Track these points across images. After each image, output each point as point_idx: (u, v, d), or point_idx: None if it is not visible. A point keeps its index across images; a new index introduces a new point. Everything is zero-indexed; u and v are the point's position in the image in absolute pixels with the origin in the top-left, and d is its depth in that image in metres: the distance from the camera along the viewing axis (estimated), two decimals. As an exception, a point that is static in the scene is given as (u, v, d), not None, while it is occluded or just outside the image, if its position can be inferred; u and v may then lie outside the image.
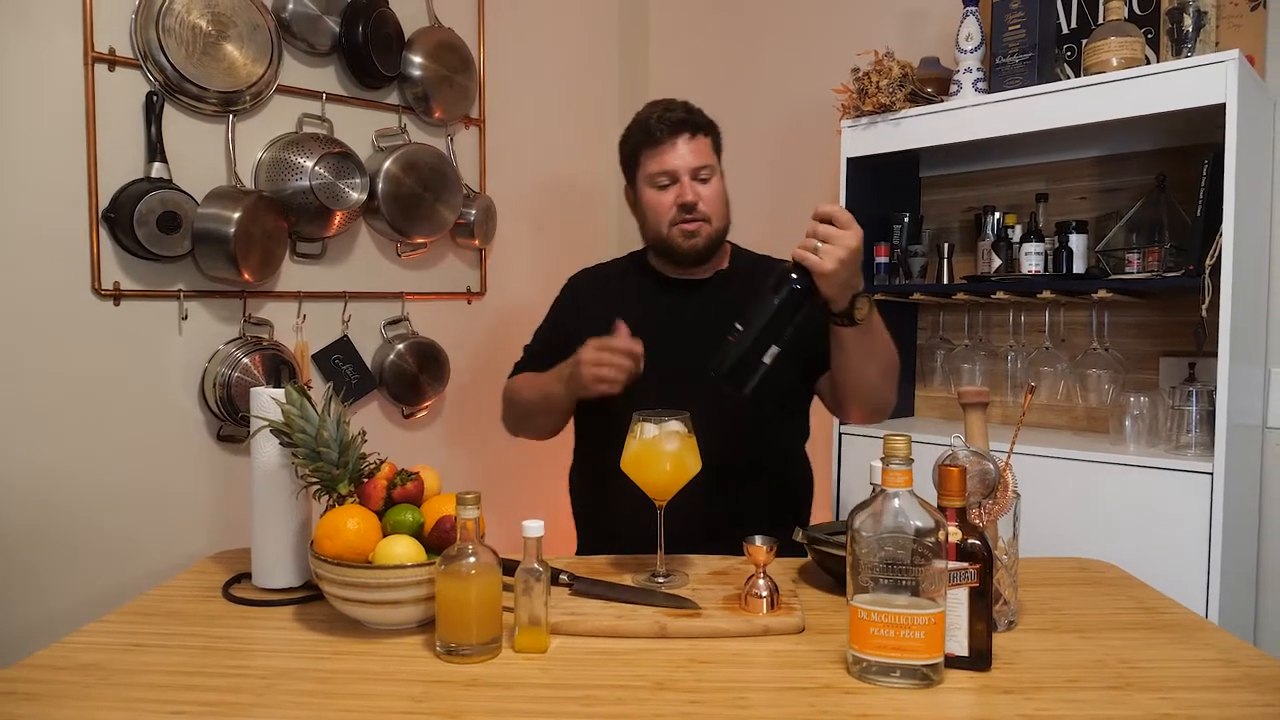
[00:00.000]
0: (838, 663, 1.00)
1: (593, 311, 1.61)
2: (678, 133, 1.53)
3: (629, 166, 1.61)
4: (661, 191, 1.54)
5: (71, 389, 1.78)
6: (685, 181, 1.53)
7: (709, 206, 1.54)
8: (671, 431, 1.21)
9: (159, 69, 1.83)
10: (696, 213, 1.53)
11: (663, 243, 1.57)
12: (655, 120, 1.54)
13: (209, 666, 1.00)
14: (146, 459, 1.88)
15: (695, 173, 1.54)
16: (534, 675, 0.98)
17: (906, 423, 2.33)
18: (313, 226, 2.06)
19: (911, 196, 2.41)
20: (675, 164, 1.53)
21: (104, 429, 1.82)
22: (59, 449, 1.76)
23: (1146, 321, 2.05)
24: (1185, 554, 1.66)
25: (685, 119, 1.54)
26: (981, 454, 1.11)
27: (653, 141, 1.54)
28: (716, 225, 1.56)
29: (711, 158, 1.57)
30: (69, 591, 1.76)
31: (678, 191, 1.53)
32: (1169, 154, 2.00)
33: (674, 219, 1.54)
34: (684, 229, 1.54)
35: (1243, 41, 1.80)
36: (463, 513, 1.01)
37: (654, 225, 1.57)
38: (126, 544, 1.85)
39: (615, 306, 1.59)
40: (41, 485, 1.74)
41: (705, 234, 1.55)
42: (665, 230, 1.55)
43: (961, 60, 2.03)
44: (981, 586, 0.97)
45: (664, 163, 1.53)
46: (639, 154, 1.57)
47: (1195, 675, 0.97)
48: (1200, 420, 1.78)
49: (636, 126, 1.58)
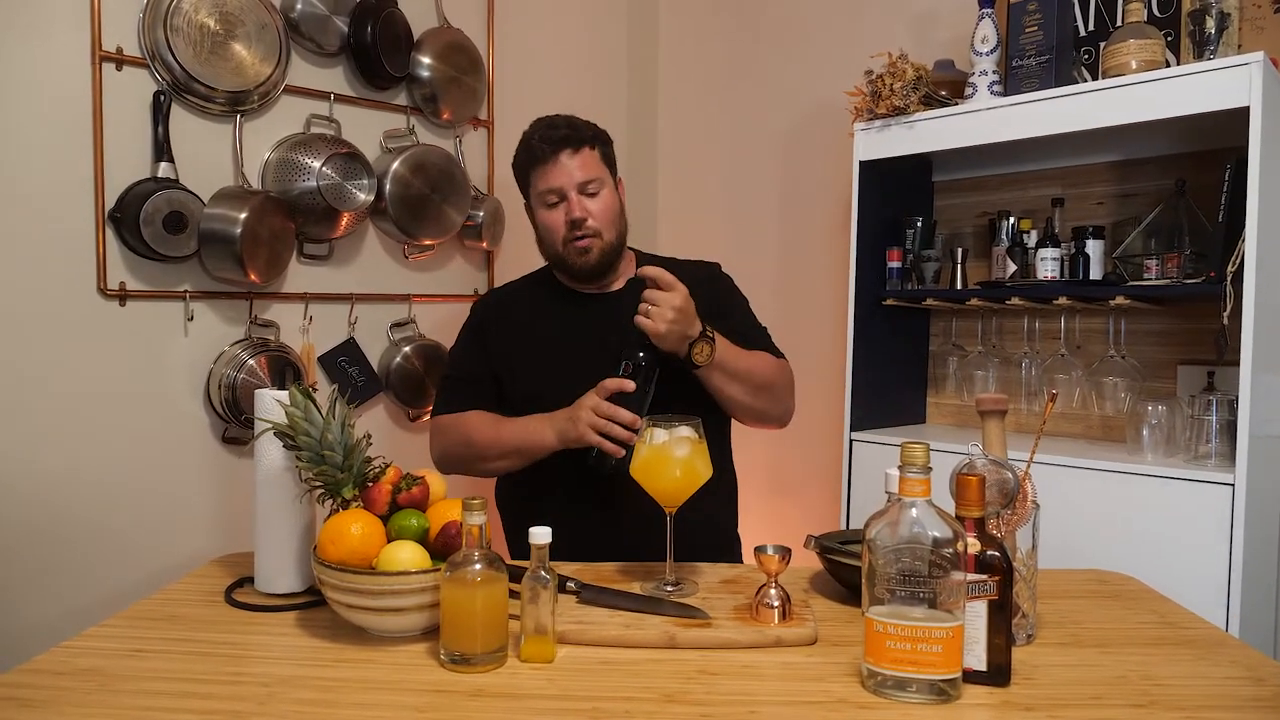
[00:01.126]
0: (852, 676, 0.97)
1: (506, 332, 1.64)
2: (560, 149, 1.53)
3: (522, 186, 1.63)
4: (552, 210, 1.56)
5: (76, 389, 1.77)
6: (573, 198, 1.54)
7: (599, 220, 1.55)
8: (682, 437, 1.19)
9: (166, 68, 1.82)
10: (585, 228, 1.54)
11: (559, 260, 1.59)
12: (537, 139, 1.55)
13: (210, 673, 0.98)
14: (150, 461, 1.86)
15: (582, 187, 1.54)
16: (540, 686, 0.95)
17: (917, 430, 2.30)
18: (320, 227, 2.04)
19: (925, 201, 2.39)
20: (560, 181, 1.54)
21: (108, 430, 1.81)
22: (62, 450, 1.75)
23: (1164, 329, 2.01)
24: (1205, 566, 1.62)
25: (568, 134, 1.54)
26: (1000, 463, 1.08)
27: (537, 160, 1.55)
28: (608, 238, 1.57)
29: (600, 170, 1.57)
30: (71, 594, 1.75)
31: (566, 208, 1.54)
32: (1188, 158, 1.97)
33: (566, 236, 1.55)
34: (576, 246, 1.55)
35: (1266, 44, 1.77)
36: (468, 518, 0.99)
37: (549, 243, 1.59)
38: (130, 546, 1.83)
39: (528, 324, 1.64)
40: (44, 486, 1.73)
41: (597, 249, 1.55)
42: (560, 248, 1.57)
43: (976, 63, 2.00)
44: (1001, 599, 0.95)
45: (549, 180, 1.54)
46: (528, 173, 1.58)
47: (1222, 693, 0.94)
48: (1220, 430, 1.74)
49: (522, 146, 1.59)
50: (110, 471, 1.81)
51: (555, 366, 1.56)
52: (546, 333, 1.61)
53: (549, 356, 1.58)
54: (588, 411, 1.37)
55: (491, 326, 1.67)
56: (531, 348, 1.61)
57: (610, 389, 1.37)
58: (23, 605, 1.69)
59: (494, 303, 1.74)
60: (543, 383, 1.54)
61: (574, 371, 1.46)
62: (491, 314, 1.70)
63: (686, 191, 3.01)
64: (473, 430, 1.58)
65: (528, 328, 1.63)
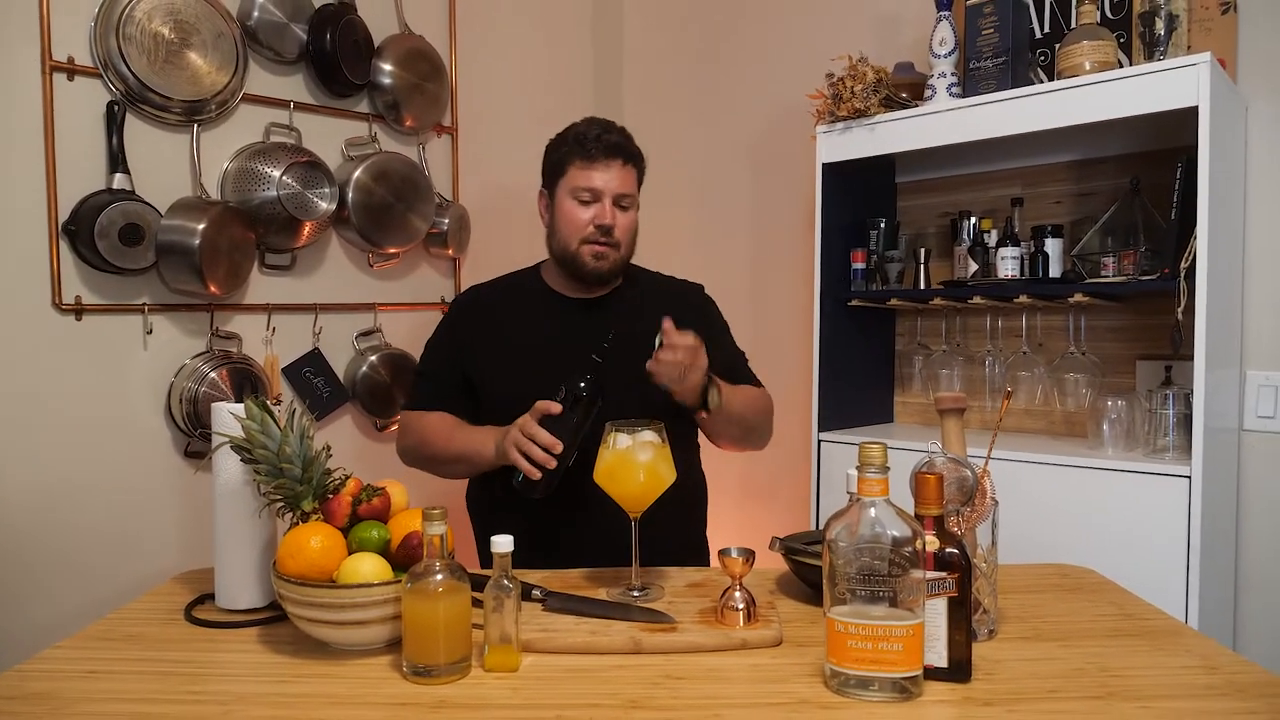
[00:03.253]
0: (815, 676, 0.98)
1: (483, 332, 1.63)
2: (613, 155, 1.53)
3: (552, 173, 1.60)
4: (581, 206, 1.54)
5: (32, 405, 1.73)
6: (607, 204, 1.54)
7: (622, 234, 1.56)
8: (645, 441, 1.19)
9: (120, 78, 1.79)
10: (611, 237, 1.54)
11: (570, 257, 1.57)
12: (593, 137, 1.54)
13: (167, 693, 0.96)
14: (112, 477, 1.83)
15: (618, 199, 1.55)
16: (504, 695, 0.95)
17: (885, 429, 2.32)
18: (281, 237, 2.02)
19: (888, 202, 2.41)
20: (602, 184, 1.53)
21: (67, 447, 1.77)
22: (20, 467, 1.71)
23: (1123, 325, 2.05)
24: (1164, 558, 1.65)
25: (621, 144, 1.55)
26: (959, 460, 1.10)
27: (586, 156, 1.53)
28: (624, 253, 1.58)
29: (634, 188, 1.59)
30: (28, 616, 1.71)
31: (598, 211, 1.53)
32: (1143, 158, 2.01)
33: (588, 236, 1.54)
34: (595, 249, 1.54)
35: (1214, 45, 1.80)
36: (429, 528, 0.98)
37: (564, 238, 1.57)
38: (92, 565, 1.80)
39: (510, 324, 1.62)
40: (1, 506, 1.69)
41: (612, 259, 1.56)
42: (575, 245, 1.55)
43: (935, 65, 2.03)
44: (960, 596, 0.96)
45: (592, 179, 1.53)
46: (566, 164, 1.56)
47: (1177, 683, 0.96)
48: (1178, 423, 1.78)
49: (572, 137, 1.56)
50: (70, 489, 1.78)
51: (535, 370, 1.52)
52: (526, 336, 1.60)
53: (528, 360, 1.56)
54: (516, 430, 1.35)
55: (468, 326, 1.65)
56: (509, 350, 1.59)
57: (540, 410, 1.34)
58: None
59: (471, 302, 1.72)
60: (523, 385, 1.46)
61: (554, 375, 1.40)
62: (468, 313, 1.68)
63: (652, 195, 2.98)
64: (429, 431, 1.58)
65: (506, 329, 1.62)
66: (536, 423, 1.33)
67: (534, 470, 1.31)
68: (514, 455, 1.33)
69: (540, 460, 1.30)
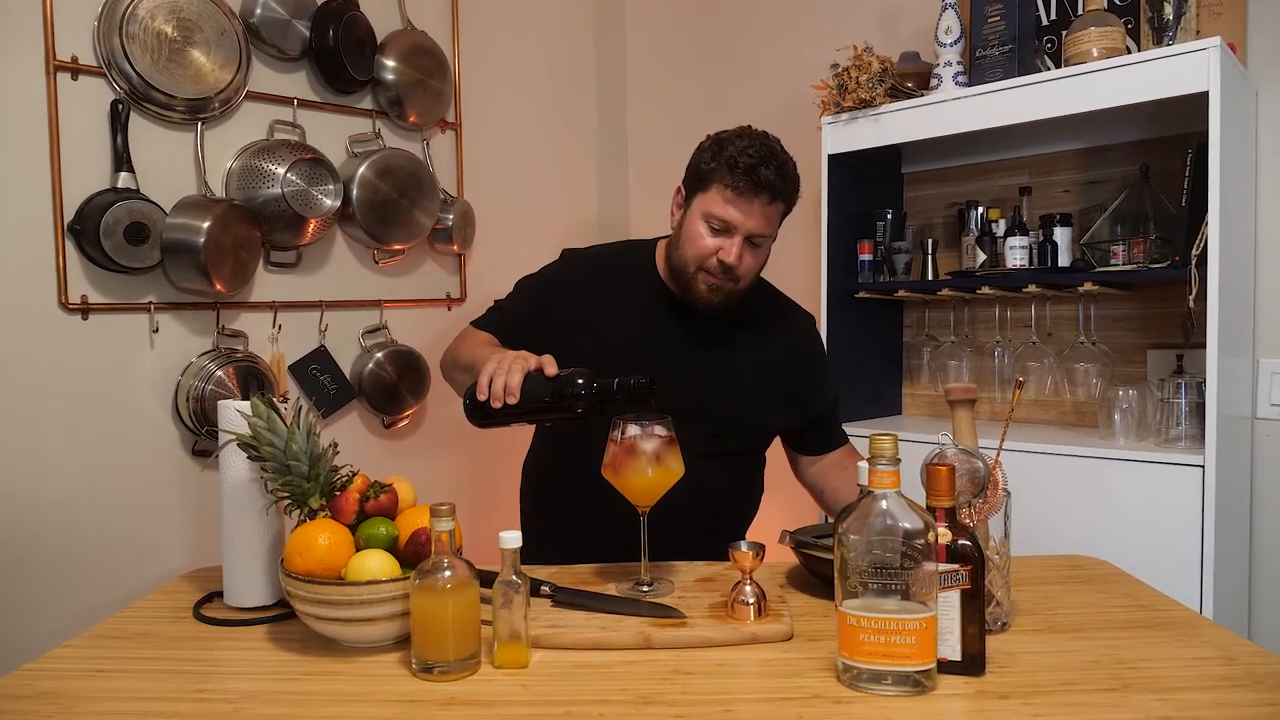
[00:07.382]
0: (827, 670, 0.97)
1: (578, 305, 1.53)
2: (759, 193, 1.38)
3: (693, 180, 1.46)
4: (711, 234, 1.41)
5: (39, 405, 1.73)
6: (738, 241, 1.40)
7: (745, 273, 1.44)
8: (653, 435, 1.18)
9: (124, 77, 1.79)
10: (732, 275, 1.43)
11: (685, 278, 1.46)
12: (745, 167, 1.37)
13: (175, 691, 0.96)
14: (119, 476, 1.83)
15: (751, 237, 1.41)
16: (514, 692, 0.94)
17: (894, 421, 2.30)
18: (286, 235, 2.02)
19: (894, 193, 2.39)
20: (737, 220, 1.39)
21: (74, 446, 1.77)
22: (26, 467, 1.72)
23: (1133, 314, 2.03)
24: (1178, 548, 1.64)
25: (774, 183, 1.38)
26: (970, 452, 1.08)
27: (729, 185, 1.38)
28: (741, 288, 1.47)
29: (774, 228, 1.45)
30: (39, 616, 1.71)
31: (726, 246, 1.40)
32: (1152, 144, 1.99)
33: (708, 267, 1.42)
34: (711, 281, 1.43)
35: (1223, 29, 1.79)
36: (437, 525, 0.97)
37: (685, 255, 1.45)
38: (100, 564, 1.80)
39: (609, 309, 1.53)
40: (9, 505, 1.69)
41: (726, 293, 1.45)
42: (692, 269, 1.44)
43: (941, 54, 2.01)
44: (973, 588, 0.95)
45: (728, 212, 1.39)
46: (710, 181, 1.41)
47: (1195, 674, 0.95)
48: (1190, 412, 1.76)
49: (726, 156, 1.39)
50: (77, 488, 1.78)
51: (613, 355, 1.38)
52: (625, 328, 1.49)
53: (615, 351, 1.44)
54: (508, 358, 1.25)
55: (564, 292, 1.56)
56: (601, 336, 1.50)
57: (542, 362, 1.25)
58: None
59: (582, 263, 1.61)
60: (591, 361, 1.30)
61: (631, 365, 1.26)
62: (570, 279, 1.59)
63: (658, 188, 2.98)
64: (468, 343, 1.53)
65: (607, 313, 1.51)
66: (527, 368, 1.24)
67: (484, 390, 1.23)
68: (484, 370, 1.25)
69: (494, 392, 1.22)
